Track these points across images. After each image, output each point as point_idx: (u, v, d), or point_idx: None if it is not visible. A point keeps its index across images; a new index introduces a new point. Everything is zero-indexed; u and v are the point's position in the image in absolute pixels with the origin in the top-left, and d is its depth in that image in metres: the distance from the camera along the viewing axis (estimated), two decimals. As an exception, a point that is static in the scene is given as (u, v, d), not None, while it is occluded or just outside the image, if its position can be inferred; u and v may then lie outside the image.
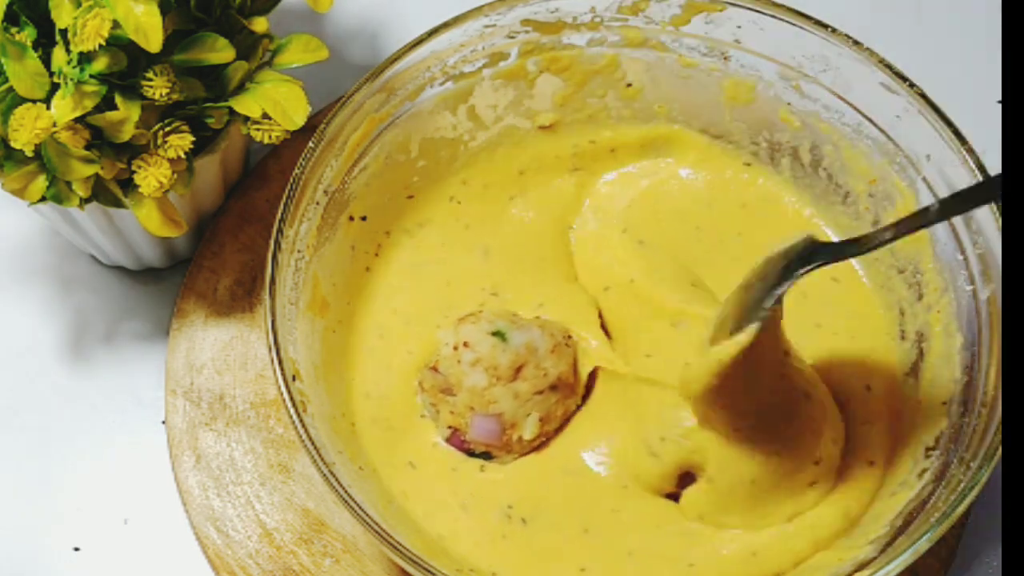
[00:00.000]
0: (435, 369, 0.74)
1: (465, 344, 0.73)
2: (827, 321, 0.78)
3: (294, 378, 0.68)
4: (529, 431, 0.73)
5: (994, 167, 0.70)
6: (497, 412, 0.73)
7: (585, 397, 0.76)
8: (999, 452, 0.64)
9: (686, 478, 0.72)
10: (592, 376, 0.76)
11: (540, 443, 0.74)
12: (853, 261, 0.79)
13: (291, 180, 0.71)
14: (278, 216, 0.70)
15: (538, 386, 0.73)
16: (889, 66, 0.73)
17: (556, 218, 0.82)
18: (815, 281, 0.78)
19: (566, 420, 0.75)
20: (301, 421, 0.66)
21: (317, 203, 0.74)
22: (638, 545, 0.71)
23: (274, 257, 0.69)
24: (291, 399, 0.67)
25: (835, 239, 0.80)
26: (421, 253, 0.80)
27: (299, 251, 0.72)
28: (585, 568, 0.71)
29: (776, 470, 0.70)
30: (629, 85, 0.82)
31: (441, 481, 0.74)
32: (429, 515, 0.72)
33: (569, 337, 0.76)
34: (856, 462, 0.73)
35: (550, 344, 0.74)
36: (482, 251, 0.80)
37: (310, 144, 0.72)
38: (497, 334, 0.73)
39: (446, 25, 0.76)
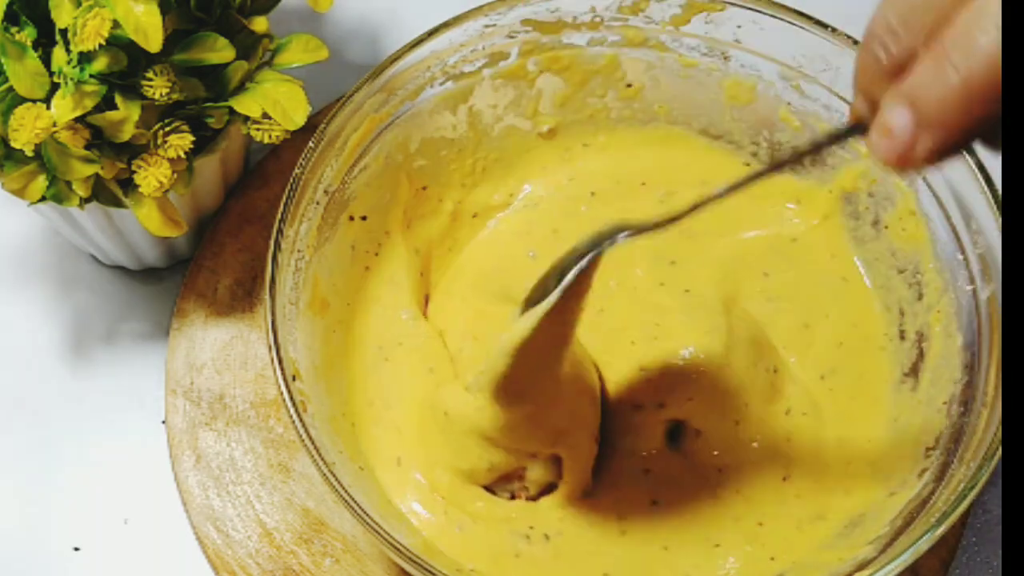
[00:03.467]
0: None
1: None
2: (826, 321, 0.78)
3: (294, 378, 0.68)
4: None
5: (994, 167, 0.70)
6: None
7: None
8: (999, 452, 0.64)
9: (675, 431, 0.74)
10: None
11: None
12: (857, 261, 0.79)
13: (291, 180, 0.71)
14: (278, 216, 0.70)
15: None
16: (889, 66, 0.73)
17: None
18: (815, 280, 0.78)
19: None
20: (301, 421, 0.66)
21: (317, 203, 0.74)
22: (672, 539, 0.72)
23: (274, 257, 0.69)
24: (291, 399, 0.67)
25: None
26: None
27: (299, 251, 0.72)
28: (608, 573, 0.71)
29: (748, 404, 0.73)
30: (629, 85, 0.82)
31: None
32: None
33: None
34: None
35: None
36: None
37: (310, 144, 0.72)
38: None
39: (446, 25, 0.76)
